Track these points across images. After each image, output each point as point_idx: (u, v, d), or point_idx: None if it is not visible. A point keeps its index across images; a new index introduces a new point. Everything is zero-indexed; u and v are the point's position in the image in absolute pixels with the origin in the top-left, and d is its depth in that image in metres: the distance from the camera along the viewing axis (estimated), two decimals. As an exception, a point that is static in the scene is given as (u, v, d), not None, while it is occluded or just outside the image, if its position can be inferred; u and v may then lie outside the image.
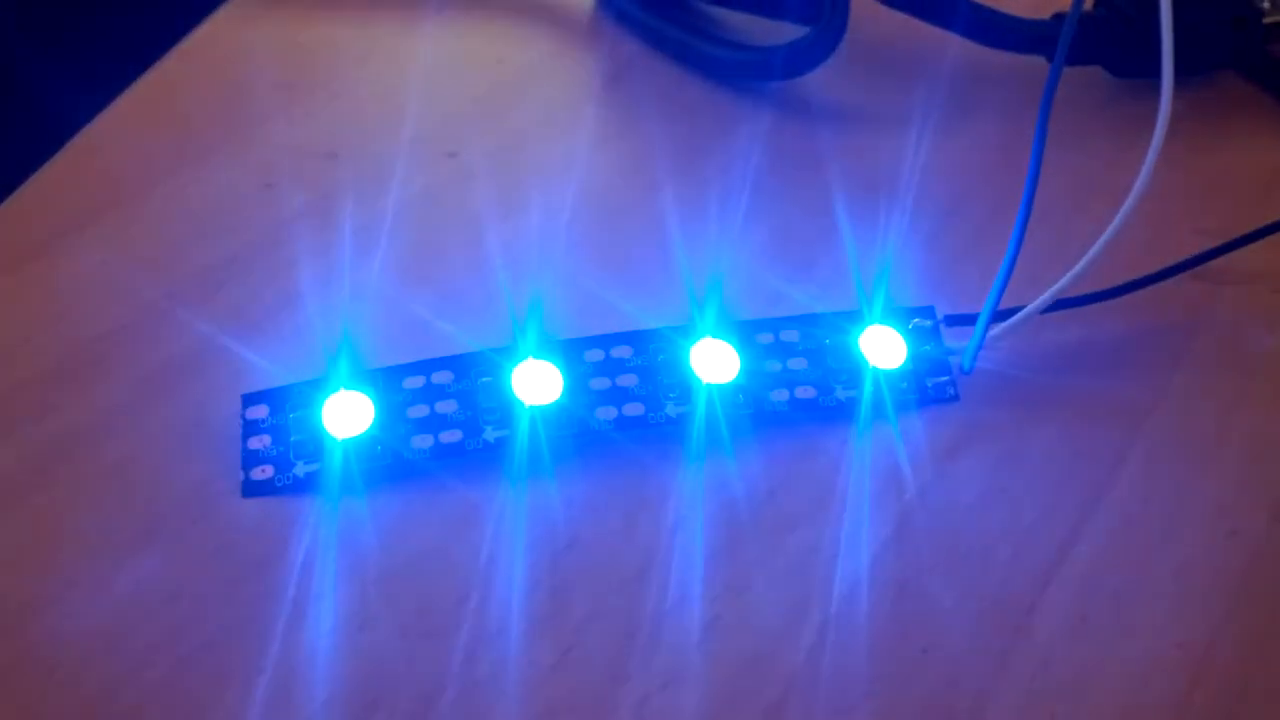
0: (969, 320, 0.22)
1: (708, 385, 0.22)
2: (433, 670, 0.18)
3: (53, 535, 0.20)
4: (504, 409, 0.21)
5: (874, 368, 0.22)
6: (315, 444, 0.21)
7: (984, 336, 0.22)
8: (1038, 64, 0.28)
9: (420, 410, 0.21)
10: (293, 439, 0.21)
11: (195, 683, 0.18)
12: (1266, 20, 0.28)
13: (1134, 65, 0.28)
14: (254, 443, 0.21)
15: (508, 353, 0.22)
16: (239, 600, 0.19)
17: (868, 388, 0.22)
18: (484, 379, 0.21)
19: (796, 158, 0.28)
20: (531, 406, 0.21)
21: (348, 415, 0.21)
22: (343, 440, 0.21)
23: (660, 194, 0.27)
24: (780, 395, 0.22)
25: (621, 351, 0.22)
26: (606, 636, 0.19)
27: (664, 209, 0.26)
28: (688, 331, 0.22)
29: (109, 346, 0.23)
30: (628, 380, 0.22)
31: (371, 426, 0.21)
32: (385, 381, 0.21)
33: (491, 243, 0.25)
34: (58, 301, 0.24)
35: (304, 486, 0.21)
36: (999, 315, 0.22)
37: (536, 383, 0.21)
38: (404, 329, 0.23)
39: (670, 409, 0.21)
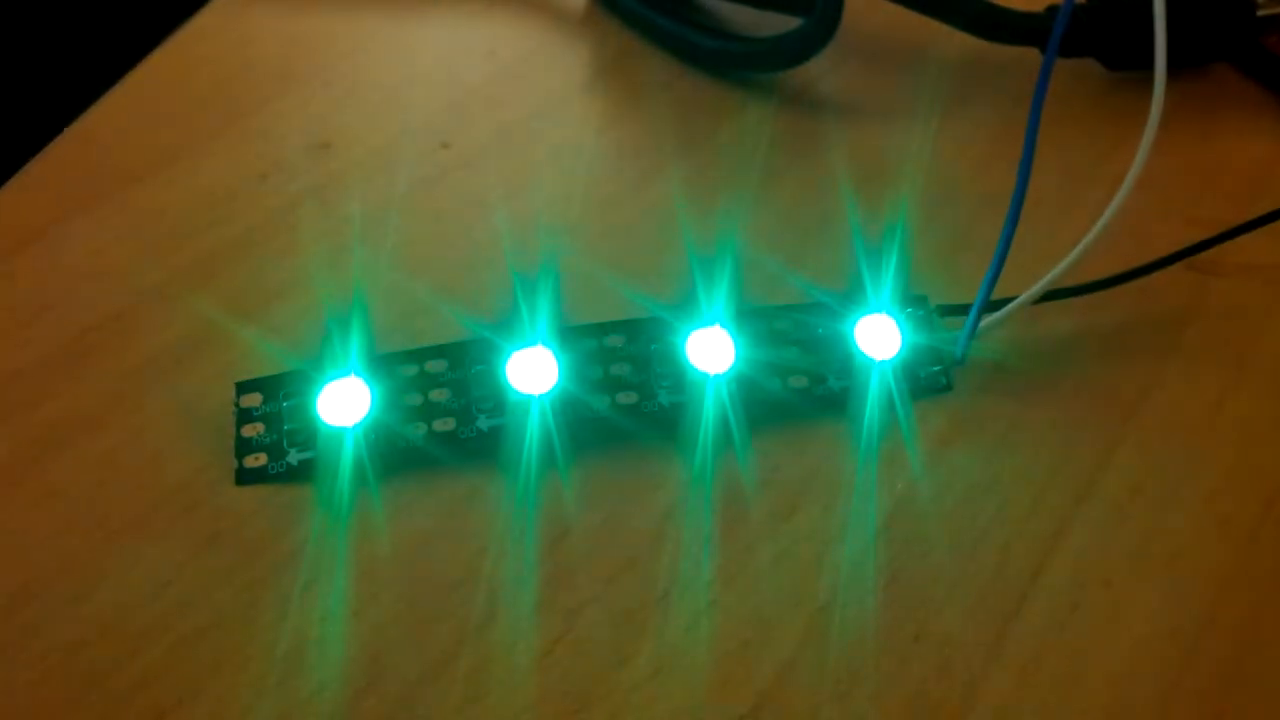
0: (962, 310, 0.22)
1: (701, 374, 0.22)
2: (424, 656, 0.19)
3: (46, 523, 0.20)
4: (497, 398, 0.21)
5: (867, 357, 0.22)
6: (308, 432, 0.21)
7: (976, 326, 0.22)
8: (1031, 56, 0.28)
9: (414, 398, 0.21)
10: (286, 427, 0.21)
11: (189, 668, 0.18)
12: (1260, 13, 0.28)
13: (1127, 57, 0.28)
14: (247, 430, 0.21)
15: (501, 341, 0.22)
16: (232, 586, 0.19)
17: (860, 377, 0.22)
18: (478, 367, 0.21)
19: (789, 149, 0.28)
20: (525, 395, 0.21)
21: (341, 403, 0.21)
22: (336, 428, 0.21)
23: (652, 185, 0.27)
24: (773, 385, 0.22)
25: (615, 340, 0.22)
26: (599, 624, 0.19)
27: (656, 200, 0.26)
28: (681, 320, 0.22)
29: (102, 335, 0.23)
30: (621, 369, 0.22)
31: (365, 415, 0.21)
32: (378, 369, 0.21)
33: (485, 233, 0.25)
34: (51, 290, 0.24)
35: (297, 474, 0.21)
36: (991, 305, 0.22)
37: (530, 371, 0.21)
38: (397, 318, 0.23)
39: (663, 398, 0.21)
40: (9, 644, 0.19)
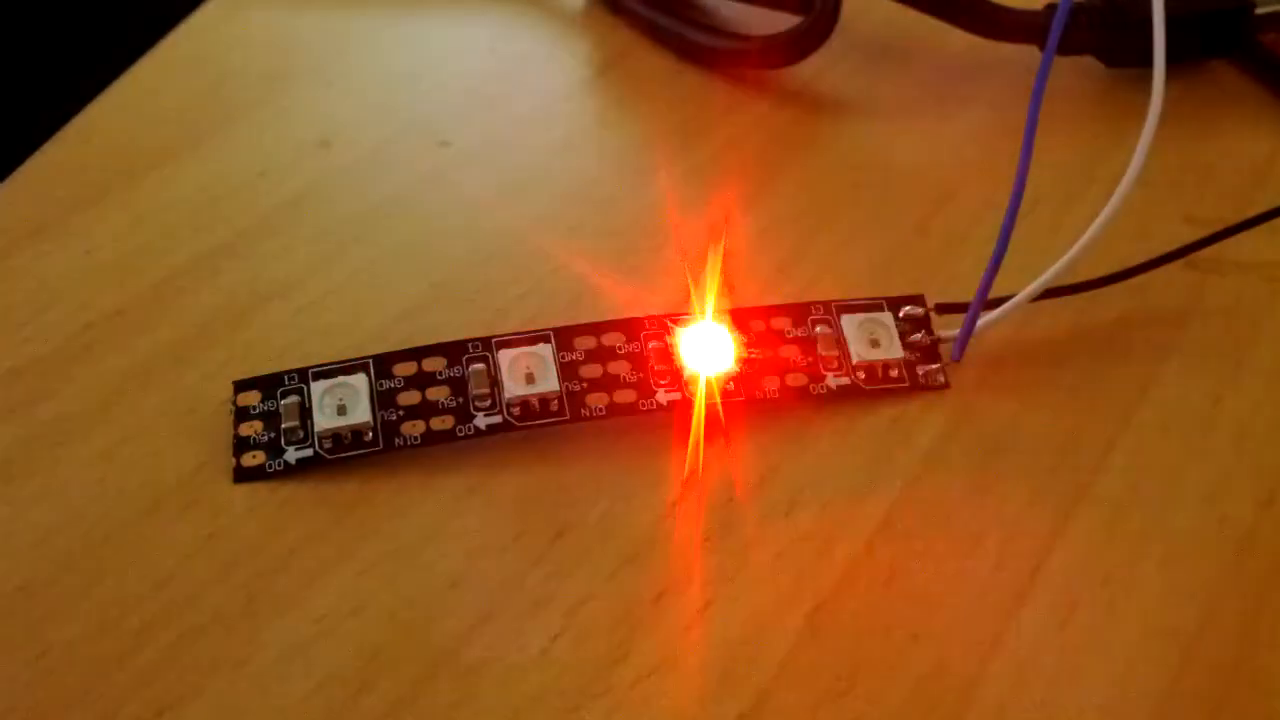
0: (959, 309, 0.22)
1: (699, 373, 0.22)
2: (423, 655, 0.19)
3: (44, 521, 0.20)
4: (496, 395, 0.21)
5: (864, 355, 0.22)
6: (306, 430, 0.21)
7: (974, 325, 0.22)
8: (1030, 53, 0.28)
9: (412, 397, 0.21)
10: (284, 425, 0.21)
11: (188, 666, 0.18)
12: (1259, 10, 0.28)
13: (1126, 55, 0.28)
14: (245, 429, 0.21)
15: (499, 340, 0.22)
16: (231, 584, 0.19)
17: (858, 375, 0.22)
18: (476, 366, 0.21)
19: (789, 146, 0.28)
20: (524, 393, 0.21)
21: (339, 402, 0.21)
22: (334, 427, 0.21)
23: (652, 182, 0.27)
24: (771, 383, 0.22)
25: (613, 339, 0.22)
26: (596, 622, 0.19)
27: (656, 197, 0.26)
28: (679, 319, 0.22)
29: (100, 333, 0.23)
30: (619, 367, 0.22)
31: (363, 413, 0.21)
32: (377, 368, 0.21)
33: (484, 231, 0.25)
34: (49, 288, 0.24)
35: (295, 473, 0.21)
36: (989, 304, 0.22)
37: (528, 370, 0.21)
38: (397, 316, 0.23)
39: (661, 396, 0.21)
40: (8, 641, 0.19)
